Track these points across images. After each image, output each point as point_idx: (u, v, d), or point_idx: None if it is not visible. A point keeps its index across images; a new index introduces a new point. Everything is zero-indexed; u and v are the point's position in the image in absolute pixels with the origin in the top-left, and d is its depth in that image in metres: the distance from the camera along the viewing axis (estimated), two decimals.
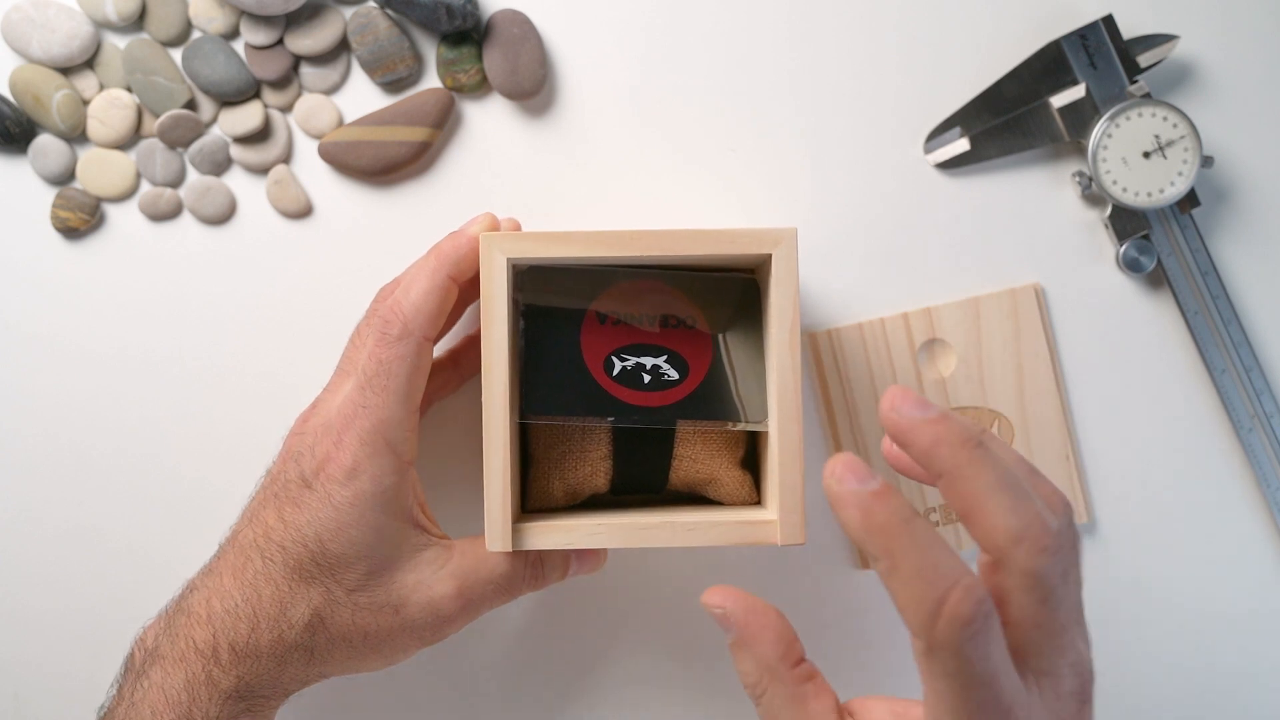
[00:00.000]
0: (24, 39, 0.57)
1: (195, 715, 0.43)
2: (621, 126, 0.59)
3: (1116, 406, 0.60)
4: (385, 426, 0.46)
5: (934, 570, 0.32)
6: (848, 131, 0.59)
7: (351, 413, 0.46)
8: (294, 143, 0.59)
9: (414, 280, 0.47)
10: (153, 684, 0.44)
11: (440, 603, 0.47)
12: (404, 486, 0.47)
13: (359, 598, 0.46)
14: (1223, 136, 0.59)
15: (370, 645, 0.47)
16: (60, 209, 0.58)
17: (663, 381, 0.50)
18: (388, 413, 0.46)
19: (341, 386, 0.48)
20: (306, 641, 0.45)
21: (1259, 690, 0.60)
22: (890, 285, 0.59)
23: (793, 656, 0.39)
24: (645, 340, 0.50)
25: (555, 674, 0.60)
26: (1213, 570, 0.60)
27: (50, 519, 0.59)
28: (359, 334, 0.50)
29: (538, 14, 0.58)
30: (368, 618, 0.46)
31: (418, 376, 0.47)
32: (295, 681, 0.47)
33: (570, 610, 0.60)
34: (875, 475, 0.33)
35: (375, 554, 0.46)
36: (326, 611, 0.45)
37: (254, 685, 0.45)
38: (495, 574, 0.48)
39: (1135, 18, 0.58)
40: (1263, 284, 0.60)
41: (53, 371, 0.59)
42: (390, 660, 0.48)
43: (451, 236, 0.49)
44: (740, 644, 0.39)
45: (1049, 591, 0.33)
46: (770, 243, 0.47)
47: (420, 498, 0.49)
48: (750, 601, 0.39)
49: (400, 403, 0.46)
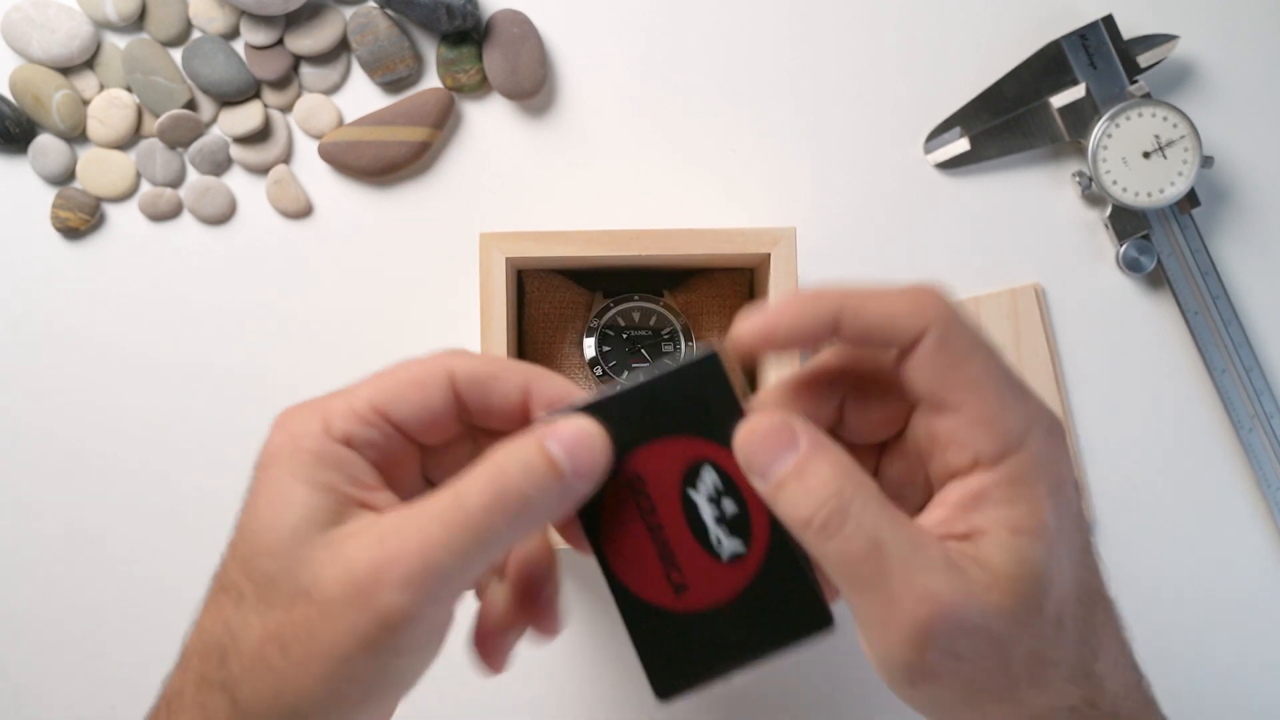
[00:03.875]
0: (24, 39, 0.57)
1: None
2: (621, 126, 0.59)
3: (1116, 406, 0.59)
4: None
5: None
6: (848, 131, 0.59)
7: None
8: (294, 143, 0.59)
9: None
10: None
11: (359, 570, 0.31)
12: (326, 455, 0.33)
13: (268, 595, 0.32)
14: (1223, 136, 0.59)
15: (296, 662, 0.31)
16: (60, 209, 0.58)
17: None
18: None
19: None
20: (219, 676, 0.32)
21: (1259, 688, 0.60)
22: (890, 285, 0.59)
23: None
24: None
25: (555, 674, 0.60)
26: (1213, 570, 0.60)
27: (50, 519, 0.59)
28: None
29: (538, 14, 0.58)
30: (280, 616, 0.32)
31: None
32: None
33: (567, 610, 0.60)
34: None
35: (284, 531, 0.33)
36: (237, 624, 0.32)
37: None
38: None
39: (1135, 18, 0.58)
40: (1263, 284, 0.60)
41: (53, 371, 0.59)
42: (345, 694, 0.32)
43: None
44: (811, 456, 0.32)
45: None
46: (769, 242, 0.47)
47: (365, 478, 0.34)
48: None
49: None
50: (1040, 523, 0.31)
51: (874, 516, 0.31)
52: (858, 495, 0.31)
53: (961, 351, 0.31)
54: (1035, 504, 0.31)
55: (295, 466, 0.32)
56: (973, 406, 0.31)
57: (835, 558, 0.31)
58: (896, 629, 0.30)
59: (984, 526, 0.31)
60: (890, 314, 0.31)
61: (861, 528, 0.30)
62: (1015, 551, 0.31)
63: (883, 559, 0.30)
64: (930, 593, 0.30)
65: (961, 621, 0.30)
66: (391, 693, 0.33)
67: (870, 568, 0.30)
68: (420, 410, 0.33)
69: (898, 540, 0.30)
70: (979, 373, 0.31)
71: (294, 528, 0.32)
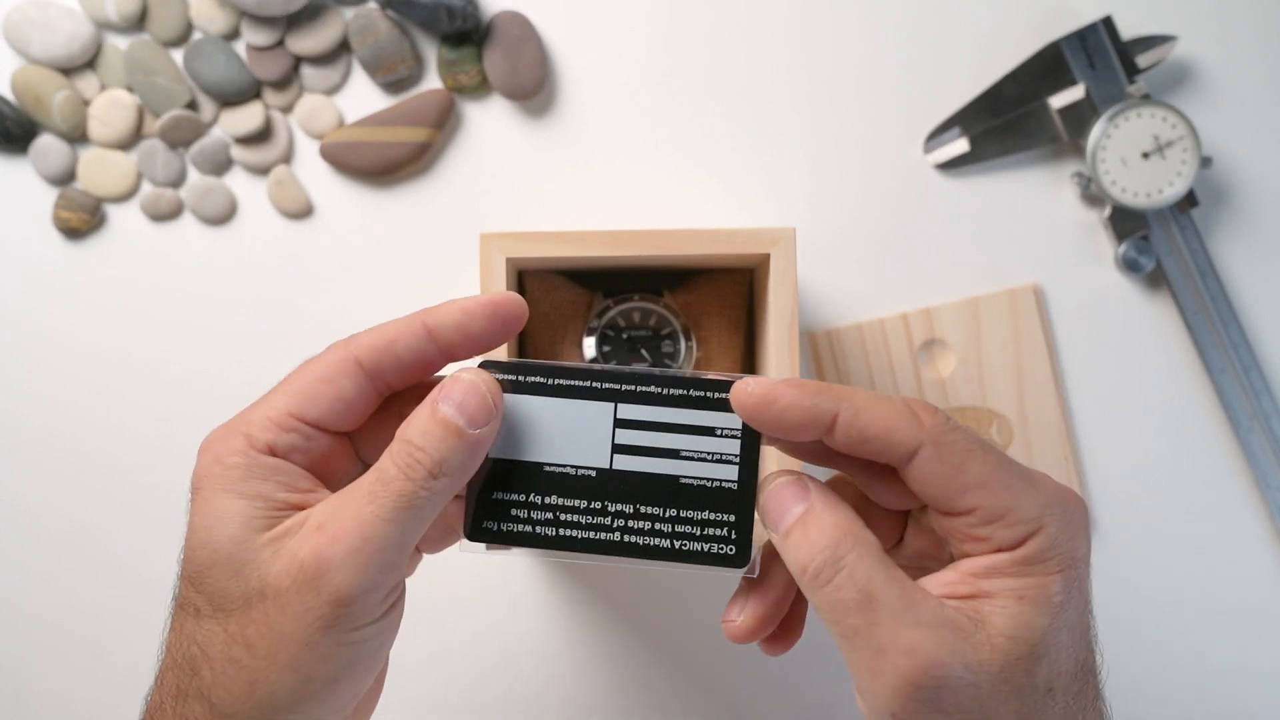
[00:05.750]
0: (25, 39, 0.57)
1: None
2: (621, 127, 0.59)
3: (1116, 407, 0.60)
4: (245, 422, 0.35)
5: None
6: (847, 132, 0.59)
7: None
8: (295, 143, 0.59)
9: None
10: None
11: (304, 558, 0.32)
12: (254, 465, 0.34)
13: (223, 604, 0.34)
14: (1222, 136, 0.59)
15: (263, 656, 0.33)
16: (62, 209, 0.58)
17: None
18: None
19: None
20: (193, 685, 0.34)
21: (1258, 690, 0.60)
22: (890, 285, 0.59)
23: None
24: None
25: (553, 674, 0.60)
26: (1212, 570, 0.60)
27: (50, 519, 0.59)
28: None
29: (538, 14, 0.58)
30: (240, 619, 0.33)
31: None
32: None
33: (567, 611, 0.60)
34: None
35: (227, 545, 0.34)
36: (201, 636, 0.34)
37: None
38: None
39: (1134, 18, 0.58)
40: (1262, 284, 0.60)
41: (54, 371, 0.59)
42: (319, 687, 0.33)
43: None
44: (816, 509, 0.33)
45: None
46: (769, 242, 0.47)
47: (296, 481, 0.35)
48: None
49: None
50: (1047, 594, 0.32)
51: (868, 570, 0.32)
52: (855, 549, 0.32)
53: (959, 458, 0.32)
54: (1045, 578, 0.32)
55: (225, 483, 0.34)
56: (984, 508, 0.32)
57: (827, 605, 0.32)
58: (883, 679, 0.31)
59: (990, 591, 0.32)
60: (885, 427, 0.32)
61: (854, 579, 0.32)
62: (1018, 616, 0.32)
63: (873, 610, 0.31)
64: (916, 646, 0.31)
65: (946, 678, 0.31)
66: (358, 671, 0.34)
67: (861, 618, 0.31)
68: (335, 404, 0.35)
69: (889, 595, 0.31)
70: (983, 473, 0.32)
71: (233, 538, 0.33)
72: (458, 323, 0.35)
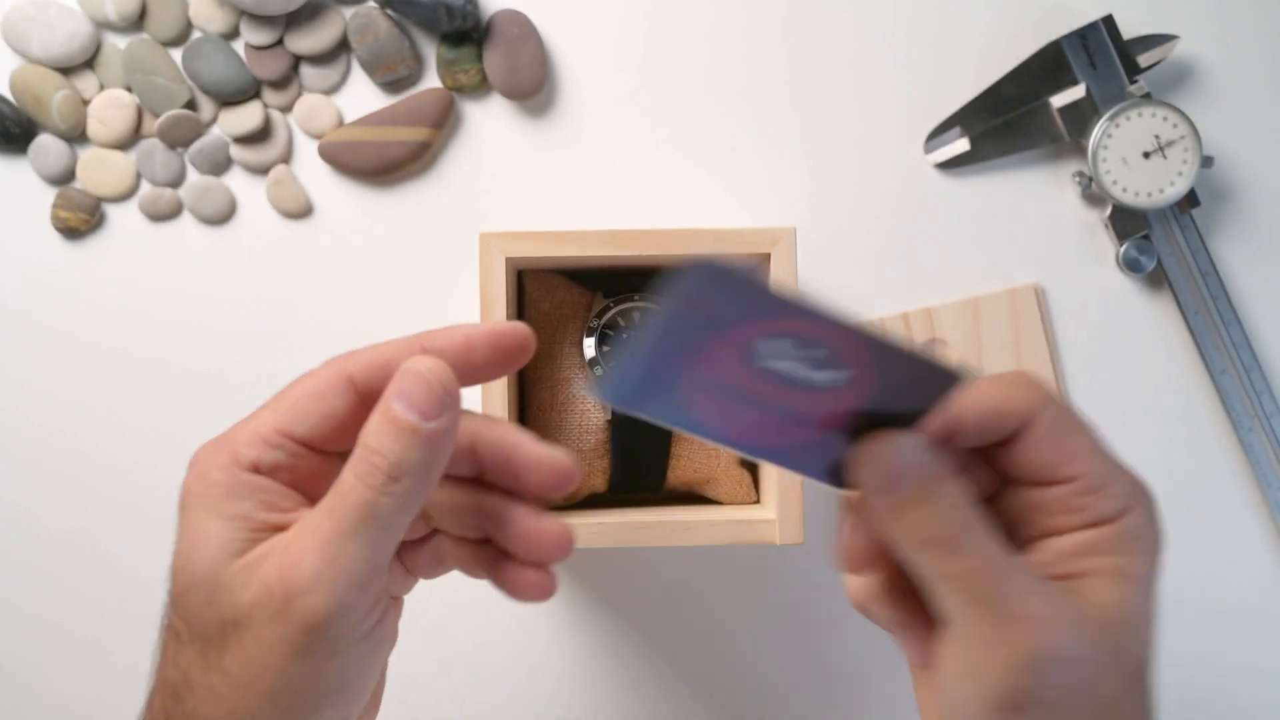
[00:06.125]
0: (24, 38, 0.57)
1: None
2: (621, 126, 0.59)
3: (1116, 407, 0.59)
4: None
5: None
6: (847, 131, 0.59)
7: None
8: (294, 143, 0.59)
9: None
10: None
11: (271, 584, 0.31)
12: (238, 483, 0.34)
13: (200, 630, 0.33)
14: (1223, 136, 0.59)
15: (241, 685, 0.32)
16: (61, 209, 0.58)
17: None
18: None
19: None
20: (178, 711, 0.33)
21: (1258, 690, 0.60)
22: (890, 285, 0.59)
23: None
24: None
25: (552, 675, 0.60)
26: (1212, 570, 0.60)
27: (50, 519, 0.59)
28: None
29: (538, 14, 0.58)
30: (216, 647, 0.32)
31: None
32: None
33: (567, 611, 0.60)
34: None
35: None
36: (183, 661, 0.33)
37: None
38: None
39: (1135, 18, 0.58)
40: (1263, 284, 0.59)
41: (54, 371, 0.59)
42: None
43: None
44: (942, 480, 0.32)
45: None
46: (769, 242, 0.47)
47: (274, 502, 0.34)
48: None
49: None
50: (1144, 574, 0.32)
51: (994, 541, 0.31)
52: (981, 522, 0.32)
53: (1073, 423, 0.33)
54: (1143, 558, 0.32)
55: (208, 502, 0.33)
56: (1088, 477, 0.32)
57: (958, 573, 0.31)
58: (1004, 650, 0.30)
59: (1089, 570, 0.32)
60: (999, 405, 0.32)
61: (983, 548, 0.31)
62: (1119, 594, 0.31)
63: (1002, 580, 0.31)
64: (1045, 617, 0.30)
65: (1066, 651, 0.30)
66: (346, 694, 0.33)
67: (991, 585, 0.31)
68: (324, 421, 0.33)
69: (1014, 566, 0.31)
70: (1089, 445, 0.33)
71: (211, 561, 0.32)
72: (459, 351, 0.34)
